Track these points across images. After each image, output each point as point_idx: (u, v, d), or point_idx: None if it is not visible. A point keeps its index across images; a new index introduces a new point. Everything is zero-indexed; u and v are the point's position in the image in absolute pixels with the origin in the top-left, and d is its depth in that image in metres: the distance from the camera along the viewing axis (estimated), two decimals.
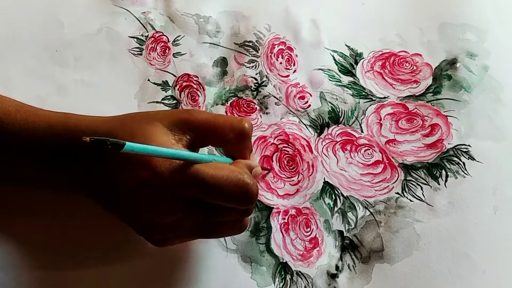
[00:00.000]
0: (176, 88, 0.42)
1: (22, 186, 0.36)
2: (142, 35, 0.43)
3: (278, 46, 0.44)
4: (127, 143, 0.26)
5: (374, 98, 0.42)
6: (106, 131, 0.32)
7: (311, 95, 0.42)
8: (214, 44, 0.44)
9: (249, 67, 0.43)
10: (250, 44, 0.44)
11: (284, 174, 0.40)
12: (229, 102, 0.42)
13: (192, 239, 0.35)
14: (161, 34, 0.44)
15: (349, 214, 0.39)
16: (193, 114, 0.33)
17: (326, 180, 0.40)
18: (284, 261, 0.38)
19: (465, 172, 0.40)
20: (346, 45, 0.44)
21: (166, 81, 0.42)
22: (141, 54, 0.43)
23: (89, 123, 0.33)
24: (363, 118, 0.42)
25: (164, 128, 0.31)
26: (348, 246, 0.38)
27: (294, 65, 0.43)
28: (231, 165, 0.32)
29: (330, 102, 0.42)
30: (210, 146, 0.39)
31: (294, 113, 0.42)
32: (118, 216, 0.33)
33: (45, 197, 0.36)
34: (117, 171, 0.31)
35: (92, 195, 0.33)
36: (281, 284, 0.37)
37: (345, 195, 0.39)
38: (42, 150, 0.32)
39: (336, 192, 0.40)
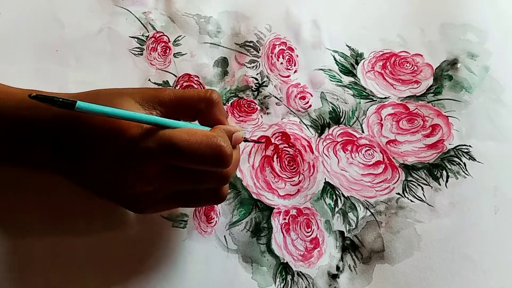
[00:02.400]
0: (177, 88, 0.42)
1: None
2: (142, 35, 0.43)
3: (278, 46, 0.44)
4: (79, 102, 0.26)
5: (375, 99, 0.42)
6: None
7: (312, 95, 0.42)
8: (215, 44, 0.44)
9: (250, 67, 0.43)
10: (251, 44, 0.44)
11: (285, 174, 0.40)
12: (229, 102, 0.42)
13: (171, 207, 0.35)
14: (161, 34, 0.44)
15: (350, 215, 0.39)
16: (161, 89, 0.33)
17: (327, 180, 0.40)
18: (285, 261, 0.38)
19: (466, 172, 0.40)
20: (347, 45, 0.44)
21: (167, 81, 0.42)
22: (141, 54, 0.43)
23: (66, 96, 0.33)
24: (364, 119, 0.42)
25: (135, 103, 0.32)
26: (349, 246, 0.38)
27: (294, 65, 0.43)
28: (207, 130, 0.32)
29: (331, 103, 0.42)
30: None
31: (295, 113, 0.42)
32: (93, 190, 0.34)
33: (20, 173, 0.36)
34: (86, 143, 0.31)
35: (63, 172, 0.34)
36: (282, 285, 0.37)
37: (346, 195, 0.39)
38: (10, 129, 0.33)
39: (337, 192, 0.40)
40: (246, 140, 0.40)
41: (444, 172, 0.40)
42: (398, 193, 0.40)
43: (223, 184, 0.33)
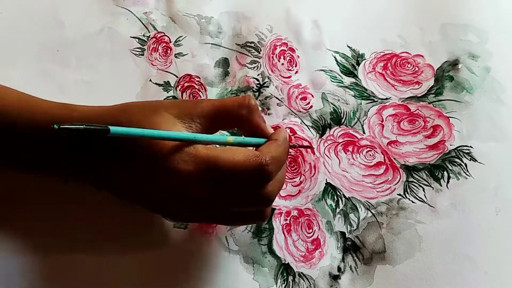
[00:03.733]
0: (178, 88, 0.42)
1: (28, 172, 0.35)
2: (143, 36, 0.43)
3: (280, 47, 0.44)
4: (112, 128, 0.24)
5: (376, 99, 0.42)
6: (111, 123, 0.31)
7: (313, 96, 0.42)
8: (216, 44, 0.44)
9: (251, 68, 0.43)
10: (252, 45, 0.44)
11: (286, 175, 0.40)
12: None
13: (214, 223, 0.36)
14: (163, 34, 0.44)
15: (351, 216, 0.39)
16: (199, 101, 0.33)
17: (328, 181, 0.40)
18: (286, 262, 0.38)
19: (467, 173, 0.40)
20: (348, 46, 0.44)
21: (168, 81, 0.42)
22: (142, 55, 0.43)
23: (95, 115, 0.32)
24: (365, 119, 0.42)
25: (172, 117, 0.31)
26: (350, 247, 0.38)
27: (296, 66, 0.43)
28: (249, 150, 0.31)
29: (332, 103, 0.42)
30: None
31: (296, 114, 0.42)
32: (131, 201, 0.33)
33: (54, 186, 0.36)
34: (125, 164, 0.30)
35: (100, 185, 0.34)
36: (283, 285, 0.37)
37: (347, 196, 0.39)
38: (45, 140, 0.32)
39: (338, 193, 0.40)
40: (292, 146, 0.39)
41: (445, 173, 0.40)
42: (399, 194, 0.40)
43: (266, 206, 0.32)
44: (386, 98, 0.42)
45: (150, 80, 0.42)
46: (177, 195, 0.30)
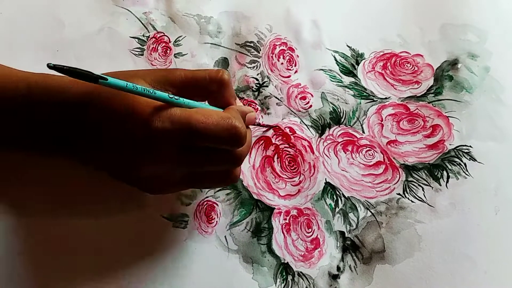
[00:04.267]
0: None
1: (2, 148, 0.36)
2: (143, 36, 0.43)
3: (279, 47, 0.44)
4: (101, 75, 0.26)
5: (375, 99, 0.42)
6: (90, 89, 0.32)
7: (312, 95, 0.42)
8: (215, 44, 0.44)
9: (250, 67, 0.43)
10: (252, 44, 0.44)
11: (285, 175, 0.40)
12: None
13: (184, 188, 0.36)
14: (162, 34, 0.44)
15: (351, 215, 0.39)
16: (172, 70, 0.34)
17: (327, 180, 0.40)
18: (286, 261, 0.38)
19: (466, 173, 0.40)
20: (347, 45, 0.44)
21: None
22: (142, 55, 0.43)
23: (70, 82, 0.33)
24: (364, 119, 0.42)
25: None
26: (350, 247, 0.38)
27: (295, 65, 0.43)
28: (221, 111, 0.33)
29: (331, 103, 0.42)
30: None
31: (295, 113, 0.42)
32: (108, 171, 0.34)
33: (32, 160, 0.37)
34: (103, 126, 0.31)
35: (77, 155, 0.34)
36: (283, 285, 0.37)
37: (346, 195, 0.39)
38: (22, 111, 0.33)
39: (337, 192, 0.40)
40: (257, 124, 0.40)
41: (445, 173, 0.40)
42: (399, 194, 0.40)
43: (237, 166, 0.34)
44: (386, 98, 0.42)
45: None
46: (151, 152, 0.31)
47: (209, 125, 0.30)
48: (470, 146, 0.41)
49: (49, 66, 0.25)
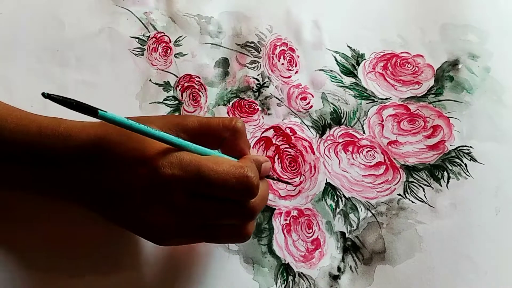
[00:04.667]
0: (178, 88, 0.42)
1: (3, 189, 0.35)
2: (143, 36, 0.43)
3: (280, 47, 0.44)
4: (101, 110, 0.25)
5: (376, 99, 0.42)
6: (99, 134, 0.31)
7: (313, 96, 0.42)
8: (216, 44, 0.44)
9: (251, 68, 0.43)
10: (252, 45, 0.44)
11: (286, 175, 0.40)
12: (230, 103, 0.42)
13: (194, 242, 0.34)
14: (162, 34, 0.44)
15: (351, 216, 0.39)
16: (185, 117, 0.33)
17: (328, 181, 0.40)
18: (286, 262, 0.38)
19: (467, 173, 0.40)
20: (347, 46, 0.44)
21: (168, 81, 0.42)
22: (142, 55, 0.43)
23: (80, 127, 0.32)
24: (365, 119, 0.42)
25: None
26: (350, 247, 0.38)
27: (296, 66, 0.43)
28: (234, 160, 0.32)
29: (332, 103, 0.42)
30: None
31: (296, 114, 0.42)
32: (114, 220, 0.33)
33: (40, 203, 0.36)
34: (113, 172, 0.30)
35: (83, 201, 0.33)
36: (283, 286, 0.37)
37: (347, 196, 0.39)
38: (29, 154, 0.32)
39: (338, 193, 0.40)
40: (273, 178, 0.39)
41: (445, 173, 0.40)
42: (399, 194, 0.40)
43: (249, 220, 0.32)
44: (386, 98, 0.42)
45: (150, 80, 0.42)
46: (159, 199, 0.30)
47: (219, 173, 0.29)
48: (471, 147, 0.41)
49: (44, 95, 0.24)
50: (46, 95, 0.24)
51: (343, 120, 0.42)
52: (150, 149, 0.30)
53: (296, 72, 0.43)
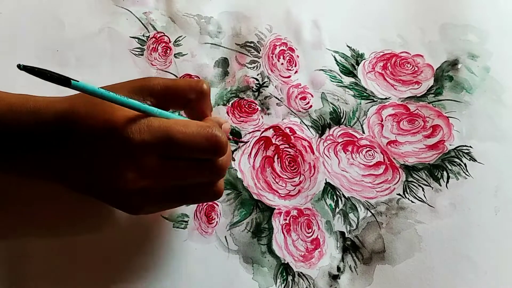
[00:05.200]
0: None
1: None
2: (143, 36, 0.43)
3: (279, 47, 0.44)
4: (73, 80, 0.26)
5: (375, 99, 0.42)
6: (66, 107, 0.31)
7: (312, 96, 0.42)
8: (216, 44, 0.44)
9: (250, 67, 0.43)
10: (252, 44, 0.44)
11: (285, 175, 0.40)
12: (230, 103, 0.42)
13: (166, 207, 0.34)
14: (162, 34, 0.44)
15: (351, 215, 0.39)
16: (151, 79, 0.33)
17: (327, 181, 0.40)
18: (286, 262, 0.38)
19: (467, 173, 0.40)
20: (347, 45, 0.44)
21: None
22: (142, 55, 0.43)
23: (48, 102, 0.32)
24: (364, 119, 0.42)
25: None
26: (350, 247, 0.38)
27: (295, 65, 0.43)
28: (200, 122, 0.32)
29: (331, 103, 0.42)
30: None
31: (295, 113, 0.42)
32: (90, 193, 0.33)
33: (20, 183, 0.36)
34: (85, 142, 0.31)
35: (56, 177, 0.33)
36: (283, 285, 0.37)
37: (346, 196, 0.39)
38: (2, 133, 0.32)
39: (337, 193, 0.40)
40: (228, 139, 0.39)
41: (445, 173, 0.40)
42: (399, 194, 0.40)
43: (219, 177, 0.33)
44: (386, 98, 0.42)
45: None
46: (132, 167, 0.30)
47: (189, 135, 0.30)
48: (470, 147, 0.41)
49: (19, 66, 0.25)
50: (22, 67, 0.25)
51: (342, 120, 0.42)
52: (118, 118, 0.30)
53: (296, 72, 0.43)
